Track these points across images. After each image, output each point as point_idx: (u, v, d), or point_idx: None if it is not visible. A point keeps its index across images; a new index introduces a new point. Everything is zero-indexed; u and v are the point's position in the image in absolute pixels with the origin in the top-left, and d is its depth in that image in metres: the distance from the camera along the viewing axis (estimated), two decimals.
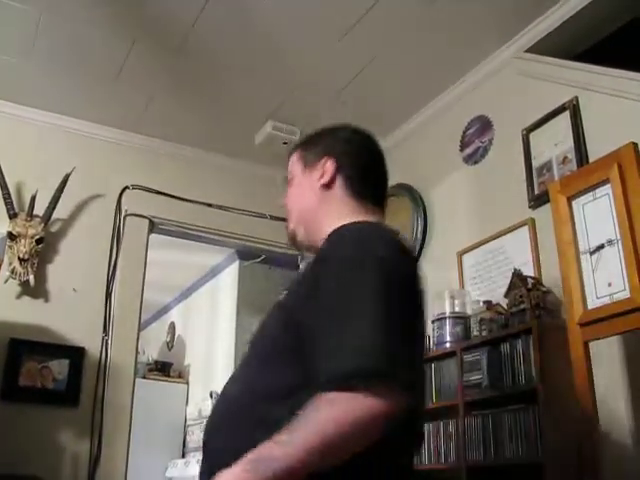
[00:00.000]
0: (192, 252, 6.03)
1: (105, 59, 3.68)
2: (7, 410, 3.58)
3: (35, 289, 3.83)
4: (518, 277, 2.93)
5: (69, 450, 3.70)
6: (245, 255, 5.93)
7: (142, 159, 4.40)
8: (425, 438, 3.16)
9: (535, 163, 3.22)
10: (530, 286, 2.86)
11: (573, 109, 3.05)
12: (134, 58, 3.66)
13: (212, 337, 6.53)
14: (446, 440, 3.05)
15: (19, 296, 3.81)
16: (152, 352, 7.45)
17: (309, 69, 3.74)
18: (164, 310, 8.05)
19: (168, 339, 7.66)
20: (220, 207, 4.44)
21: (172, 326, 7.69)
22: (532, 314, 2.79)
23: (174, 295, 7.69)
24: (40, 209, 3.86)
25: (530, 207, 3.20)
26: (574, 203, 2.51)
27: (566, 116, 3.08)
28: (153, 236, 4.39)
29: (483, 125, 3.62)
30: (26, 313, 3.79)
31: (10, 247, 3.75)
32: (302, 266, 4.83)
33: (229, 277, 6.44)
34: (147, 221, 4.30)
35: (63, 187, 3.93)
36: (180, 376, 7.03)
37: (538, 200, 3.14)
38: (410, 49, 3.55)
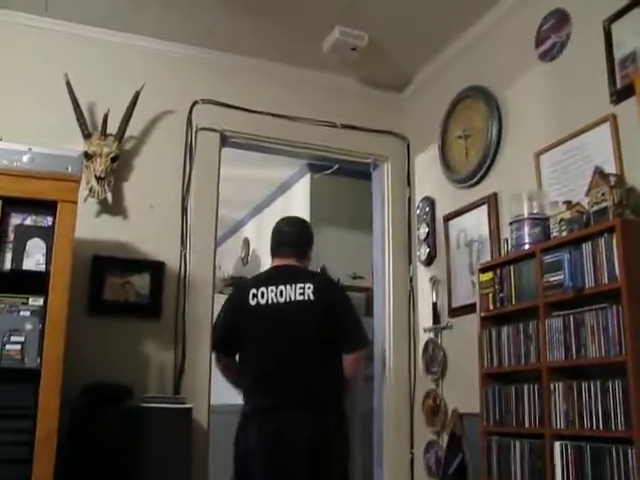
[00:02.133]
0: (263, 167, 6.05)
1: None
2: (94, 323, 3.72)
3: (113, 206, 3.91)
4: (600, 175, 2.82)
5: (154, 360, 3.84)
6: (316, 168, 5.92)
7: (210, 73, 4.36)
8: (505, 339, 3.17)
9: (617, 55, 3.03)
10: (613, 183, 2.75)
11: None
12: None
13: None
14: (526, 341, 3.03)
15: (98, 214, 3.90)
16: (227, 268, 7.59)
17: None
18: (238, 226, 8.16)
19: (243, 255, 7.77)
20: (290, 118, 4.40)
21: (246, 242, 7.79)
22: (615, 212, 2.70)
23: (247, 211, 7.77)
24: (113, 128, 3.91)
25: (612, 102, 3.04)
26: None
27: None
28: (225, 152, 4.39)
29: (560, 19, 3.43)
30: (106, 230, 3.89)
31: (87, 167, 3.81)
32: (375, 176, 4.78)
33: (301, 191, 6.45)
34: (218, 135, 4.30)
35: (134, 105, 3.95)
36: None
37: (620, 94, 2.98)
38: None
